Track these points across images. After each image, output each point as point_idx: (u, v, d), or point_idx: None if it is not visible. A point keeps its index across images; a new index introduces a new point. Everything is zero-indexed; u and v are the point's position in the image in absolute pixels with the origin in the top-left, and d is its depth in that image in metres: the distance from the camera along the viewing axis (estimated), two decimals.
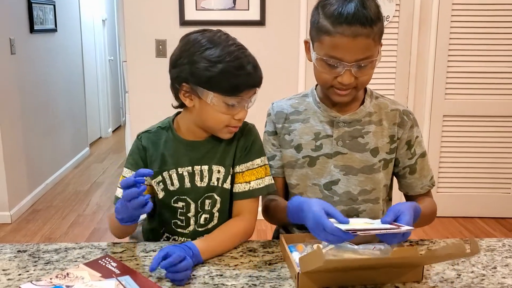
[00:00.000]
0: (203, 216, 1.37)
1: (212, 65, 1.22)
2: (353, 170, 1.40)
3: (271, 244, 1.34)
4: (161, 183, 1.36)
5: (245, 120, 1.36)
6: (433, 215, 1.45)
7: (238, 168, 1.36)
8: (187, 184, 1.35)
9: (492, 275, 1.18)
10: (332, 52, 1.27)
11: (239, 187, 1.36)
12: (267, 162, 1.40)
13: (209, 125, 1.32)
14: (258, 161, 1.37)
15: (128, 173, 1.35)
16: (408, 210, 1.17)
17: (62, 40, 4.77)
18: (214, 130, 1.33)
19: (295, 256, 1.17)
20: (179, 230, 1.39)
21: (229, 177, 1.36)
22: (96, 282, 1.07)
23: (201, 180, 1.35)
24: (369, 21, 1.23)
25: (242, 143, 1.37)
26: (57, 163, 4.57)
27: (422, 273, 1.13)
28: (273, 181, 1.39)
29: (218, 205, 1.37)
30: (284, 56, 3.31)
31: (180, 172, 1.35)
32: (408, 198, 1.49)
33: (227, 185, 1.36)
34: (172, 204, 1.37)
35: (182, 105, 1.35)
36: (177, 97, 1.33)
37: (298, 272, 1.08)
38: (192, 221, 1.38)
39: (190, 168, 1.35)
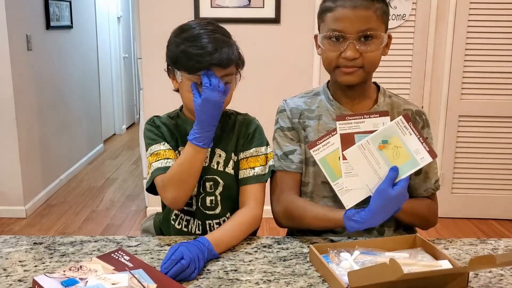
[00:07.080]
0: (208, 198, 1.42)
1: (177, 46, 1.31)
2: None
3: (285, 240, 1.34)
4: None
5: (248, 114, 1.48)
6: (429, 216, 1.42)
7: (242, 155, 1.42)
8: None
9: (511, 275, 1.16)
10: (334, 26, 1.32)
11: (243, 173, 1.41)
12: (270, 151, 1.45)
13: (185, 104, 1.39)
14: (262, 149, 1.43)
15: (156, 147, 1.39)
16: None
17: (77, 37, 4.80)
18: (191, 111, 1.36)
19: (337, 269, 1.10)
20: (185, 208, 1.43)
21: (231, 162, 1.42)
22: (109, 275, 1.07)
23: None
24: None
25: (244, 131, 1.43)
26: (71, 159, 4.61)
27: (467, 280, 1.09)
28: (273, 163, 1.43)
29: (220, 189, 1.42)
30: (299, 53, 3.30)
31: None
32: None
33: (229, 170, 1.42)
34: None
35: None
36: None
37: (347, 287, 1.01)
38: (194, 201, 1.42)
39: None
